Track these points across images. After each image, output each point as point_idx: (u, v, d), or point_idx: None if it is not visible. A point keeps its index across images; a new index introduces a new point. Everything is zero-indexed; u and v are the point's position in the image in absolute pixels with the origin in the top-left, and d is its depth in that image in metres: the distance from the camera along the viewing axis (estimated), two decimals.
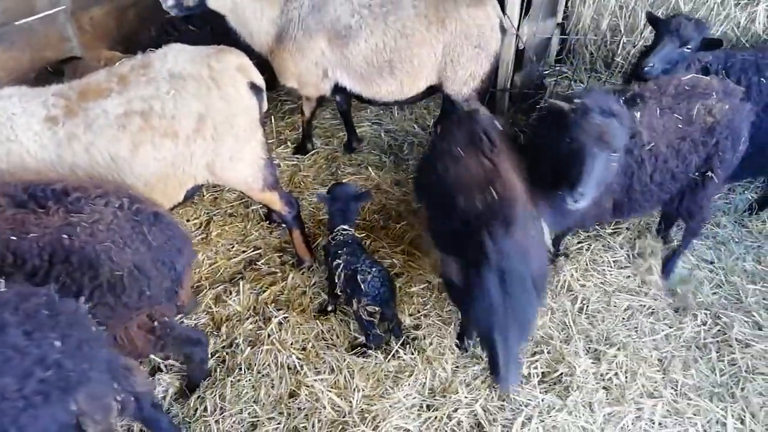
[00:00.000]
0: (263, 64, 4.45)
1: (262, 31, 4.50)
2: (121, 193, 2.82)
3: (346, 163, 5.37)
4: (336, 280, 3.66)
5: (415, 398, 3.37)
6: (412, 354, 3.61)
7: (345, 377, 3.46)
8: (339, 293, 3.72)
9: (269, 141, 4.91)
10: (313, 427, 3.21)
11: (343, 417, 3.26)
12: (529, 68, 5.63)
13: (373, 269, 3.55)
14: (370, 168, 5.25)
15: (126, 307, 2.68)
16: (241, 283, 4.10)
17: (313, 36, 4.43)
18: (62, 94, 3.26)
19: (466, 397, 3.34)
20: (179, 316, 3.64)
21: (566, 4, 5.52)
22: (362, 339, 3.71)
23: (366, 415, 3.25)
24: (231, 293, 4.04)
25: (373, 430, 3.18)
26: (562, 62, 5.87)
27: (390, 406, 3.29)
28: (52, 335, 2.10)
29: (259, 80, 3.63)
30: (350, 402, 3.32)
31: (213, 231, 4.61)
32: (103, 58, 4.45)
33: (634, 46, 5.35)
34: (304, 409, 3.32)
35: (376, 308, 3.52)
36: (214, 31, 5.21)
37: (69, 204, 2.65)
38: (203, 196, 4.96)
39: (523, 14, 5.15)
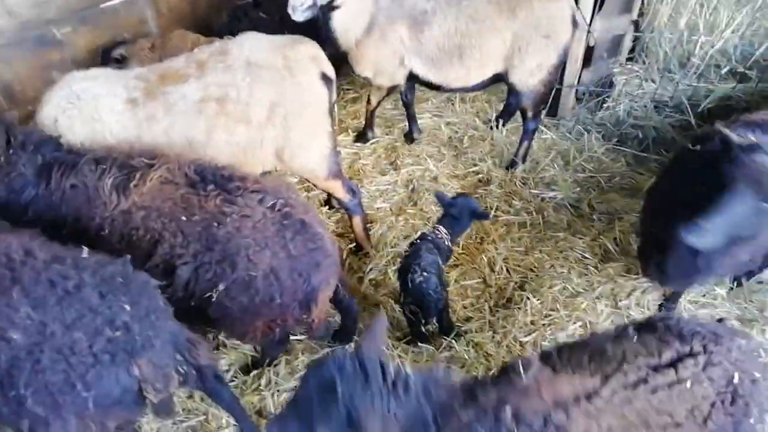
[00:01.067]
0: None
1: (359, 24, 4.42)
2: (279, 194, 2.80)
3: (405, 154, 5.38)
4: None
5: None
6: (466, 347, 3.63)
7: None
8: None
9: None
10: None
11: None
12: (599, 65, 5.47)
13: (426, 274, 3.40)
14: (429, 159, 5.25)
15: (256, 307, 2.69)
16: None
17: (396, 23, 4.46)
18: (143, 77, 3.42)
19: None
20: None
21: (643, 1, 5.31)
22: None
23: None
24: None
25: None
26: (634, 61, 5.67)
27: None
28: (123, 299, 2.25)
29: (331, 71, 3.69)
30: None
31: None
32: (190, 42, 4.58)
33: (713, 47, 5.11)
34: None
35: (417, 310, 3.48)
36: (283, 18, 5.30)
37: (226, 192, 2.69)
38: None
39: (596, 9, 5.00)
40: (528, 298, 3.91)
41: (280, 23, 5.18)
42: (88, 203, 2.72)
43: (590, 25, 5.00)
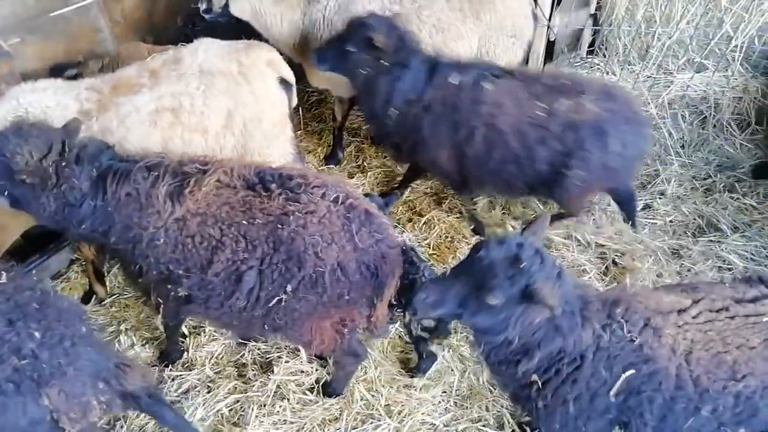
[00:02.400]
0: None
1: (284, 35, 4.42)
2: (339, 187, 2.71)
3: (372, 156, 5.35)
4: None
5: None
6: (442, 351, 3.61)
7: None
8: (393, 303, 3.22)
9: (297, 132, 4.91)
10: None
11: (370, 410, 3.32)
12: (560, 60, 5.53)
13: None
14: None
15: (324, 306, 2.62)
16: None
17: None
18: (95, 88, 3.33)
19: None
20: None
21: None
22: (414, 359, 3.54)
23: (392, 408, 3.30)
24: None
25: (398, 423, 3.23)
26: (595, 54, 5.73)
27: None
28: (33, 326, 2.20)
29: (289, 75, 3.64)
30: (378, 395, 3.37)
31: None
32: (146, 53, 4.46)
33: (670, 38, 5.19)
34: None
35: (433, 323, 3.25)
36: (241, 21, 5.22)
37: (289, 191, 2.61)
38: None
39: (555, 4, 5.04)
40: None
41: (237, 26, 5.15)
42: (140, 212, 2.66)
43: (550, 20, 5.04)
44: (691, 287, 2.61)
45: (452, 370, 3.52)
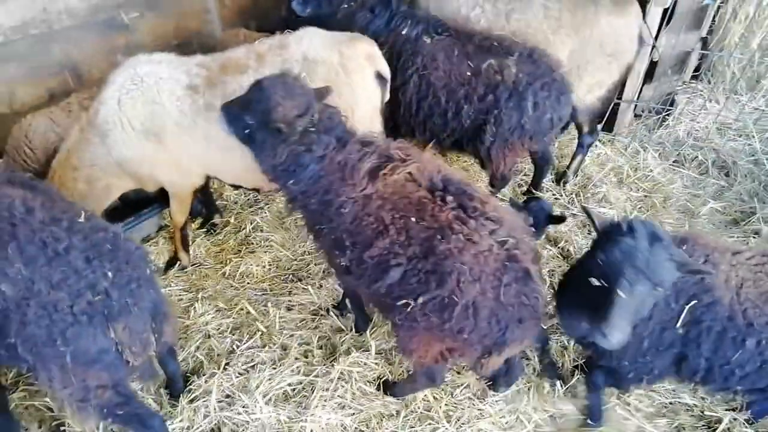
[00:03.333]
0: None
1: None
2: (513, 231, 2.58)
3: None
4: None
5: None
6: None
7: None
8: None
9: None
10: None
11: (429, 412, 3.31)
12: (662, 82, 5.30)
13: None
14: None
15: (441, 331, 2.59)
16: None
17: None
18: (205, 65, 3.50)
19: None
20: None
21: (714, 17, 5.12)
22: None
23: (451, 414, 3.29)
24: None
25: (456, 429, 3.21)
26: (699, 79, 5.47)
27: None
28: (107, 266, 2.39)
29: (386, 70, 3.69)
30: None
31: None
32: (242, 36, 4.68)
33: None
34: None
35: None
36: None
37: (463, 209, 2.58)
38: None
39: (664, 23, 4.84)
40: None
41: (337, 21, 5.25)
42: (341, 180, 2.79)
43: (656, 39, 4.85)
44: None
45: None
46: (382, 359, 3.58)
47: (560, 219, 3.91)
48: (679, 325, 2.63)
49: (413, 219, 2.59)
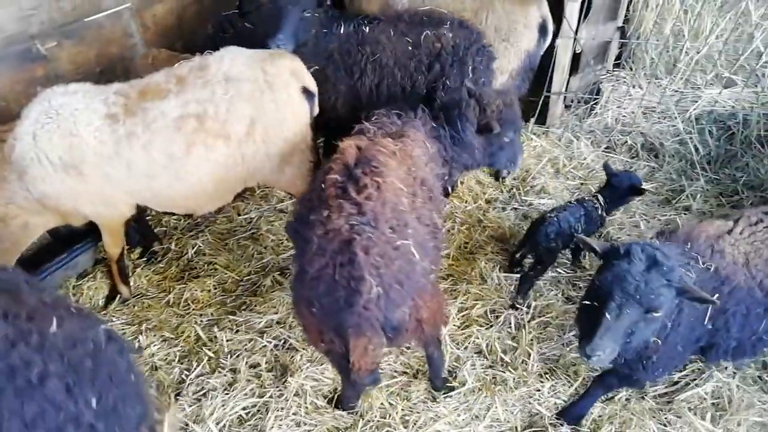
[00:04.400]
0: None
1: None
2: (378, 222, 2.50)
3: None
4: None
5: None
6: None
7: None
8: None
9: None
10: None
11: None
12: (587, 72, 5.48)
13: (553, 225, 3.78)
14: None
15: (302, 305, 2.64)
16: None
17: None
18: (123, 92, 3.40)
19: None
20: None
21: (628, 7, 5.32)
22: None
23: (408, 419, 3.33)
24: (282, 284, 4.17)
25: None
26: (621, 67, 5.68)
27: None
28: (89, 392, 1.99)
29: (312, 85, 3.67)
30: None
31: (263, 227, 4.71)
32: (151, 57, 4.60)
33: (698, 53, 5.11)
34: None
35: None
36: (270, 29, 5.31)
37: (342, 189, 2.63)
38: (254, 192, 5.07)
39: (582, 17, 5.00)
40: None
41: (265, 34, 5.22)
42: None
43: (576, 32, 5.01)
44: (725, 215, 3.14)
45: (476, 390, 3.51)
46: (334, 372, 3.57)
47: (640, 191, 4.12)
48: (707, 321, 2.74)
49: (321, 185, 2.71)
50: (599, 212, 4.02)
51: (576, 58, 5.32)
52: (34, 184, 3.29)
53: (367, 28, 4.10)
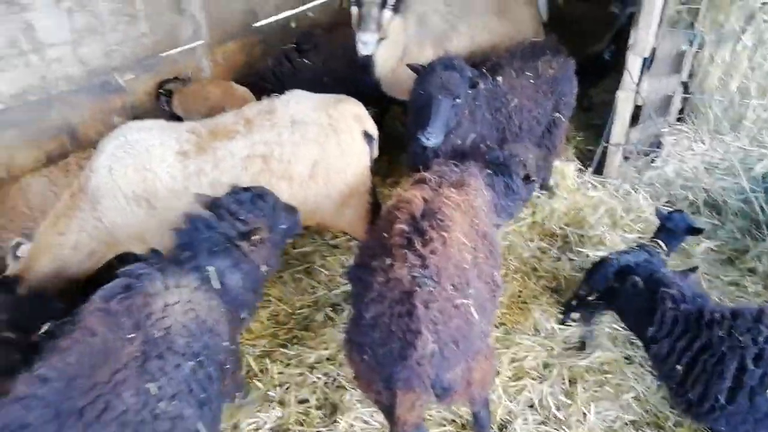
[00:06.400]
0: None
1: (396, 53, 4.82)
2: (442, 278, 2.54)
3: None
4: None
5: None
6: None
7: None
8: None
9: None
10: None
11: None
12: (648, 124, 5.39)
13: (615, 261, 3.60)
14: None
15: (353, 349, 2.71)
16: (344, 313, 4.22)
17: (424, 46, 4.93)
18: (195, 131, 3.57)
19: None
20: None
21: (693, 61, 5.23)
22: None
23: None
24: (334, 320, 4.21)
25: None
26: (684, 121, 5.56)
27: None
28: None
29: (373, 129, 3.78)
30: None
31: (317, 261, 4.78)
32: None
33: (765, 110, 4.96)
34: None
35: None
36: (325, 65, 5.51)
37: (408, 239, 2.62)
38: (310, 226, 5.15)
39: (645, 68, 4.96)
40: None
41: (321, 68, 5.43)
42: None
43: (638, 84, 4.96)
44: None
45: None
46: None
47: (698, 230, 4.06)
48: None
49: (384, 233, 2.73)
50: (661, 257, 3.86)
51: (637, 110, 5.25)
52: (106, 214, 3.44)
53: (499, 76, 4.34)
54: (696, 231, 4.05)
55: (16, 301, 3.11)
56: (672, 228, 4.03)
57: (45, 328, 2.78)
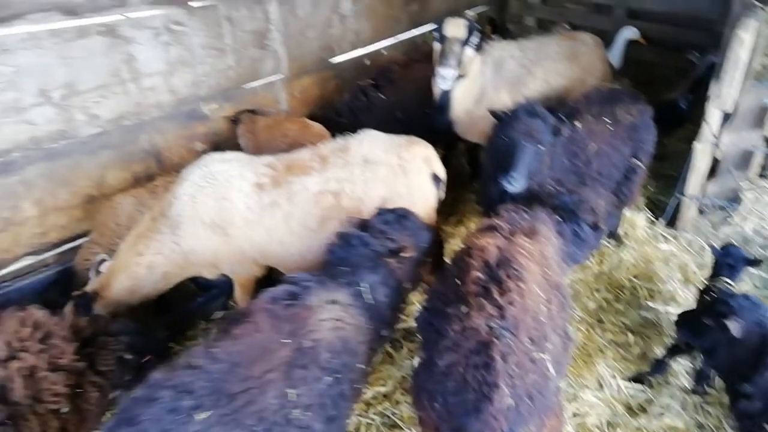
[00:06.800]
0: None
1: (473, 94, 4.97)
2: (518, 329, 2.50)
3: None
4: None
5: None
6: None
7: None
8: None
9: None
10: None
11: None
12: (726, 179, 5.18)
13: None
14: None
15: (423, 397, 2.70)
16: (403, 351, 4.21)
17: (500, 91, 5.09)
18: (272, 165, 3.74)
19: None
20: None
21: None
22: None
23: None
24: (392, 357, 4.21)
25: None
26: (765, 177, 5.31)
27: None
28: None
29: (441, 172, 3.83)
30: None
31: None
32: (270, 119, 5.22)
33: None
34: None
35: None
36: (400, 101, 5.63)
37: (484, 288, 2.63)
38: None
39: (725, 121, 4.79)
40: None
41: (394, 103, 5.56)
42: None
43: (717, 137, 4.80)
44: None
45: None
46: None
47: (757, 261, 3.93)
48: None
49: (458, 280, 2.73)
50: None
51: (715, 163, 5.06)
52: (184, 239, 3.64)
53: (577, 121, 4.37)
54: (755, 262, 3.88)
55: (135, 327, 3.41)
56: (731, 263, 3.86)
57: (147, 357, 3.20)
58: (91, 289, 3.76)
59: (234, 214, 3.60)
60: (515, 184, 3.71)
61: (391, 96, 5.70)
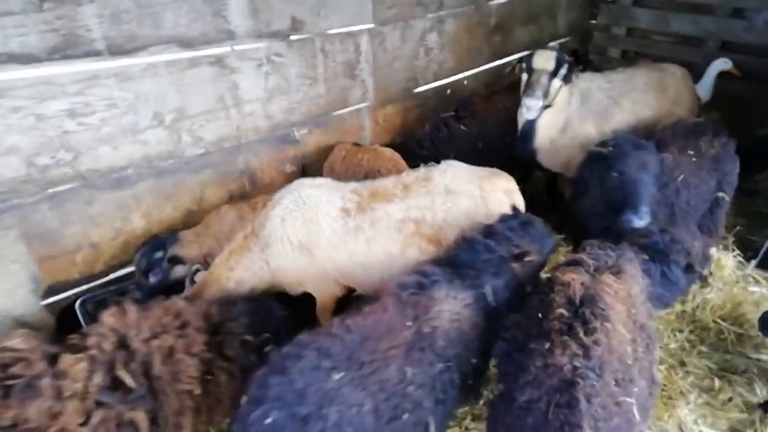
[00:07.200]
0: None
1: (558, 123, 5.04)
2: (604, 371, 2.47)
3: None
4: None
5: None
6: None
7: None
8: None
9: None
10: None
11: None
12: None
13: None
14: None
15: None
16: None
17: (585, 122, 5.13)
18: (357, 191, 3.95)
19: None
20: None
21: None
22: None
23: None
24: None
25: None
26: None
27: None
28: None
29: (521, 204, 3.89)
30: None
31: None
32: (344, 150, 5.44)
33: None
34: None
35: None
36: (480, 132, 5.73)
37: (569, 325, 2.62)
38: None
39: None
40: None
41: (476, 134, 5.66)
42: None
43: None
44: None
45: None
46: None
47: None
48: None
49: (540, 314, 2.77)
50: None
51: None
52: (273, 258, 3.87)
53: (667, 153, 4.42)
54: None
55: (254, 307, 3.64)
56: None
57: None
58: (185, 297, 4.04)
59: (320, 237, 3.81)
60: (645, 217, 3.78)
61: (471, 127, 5.81)
